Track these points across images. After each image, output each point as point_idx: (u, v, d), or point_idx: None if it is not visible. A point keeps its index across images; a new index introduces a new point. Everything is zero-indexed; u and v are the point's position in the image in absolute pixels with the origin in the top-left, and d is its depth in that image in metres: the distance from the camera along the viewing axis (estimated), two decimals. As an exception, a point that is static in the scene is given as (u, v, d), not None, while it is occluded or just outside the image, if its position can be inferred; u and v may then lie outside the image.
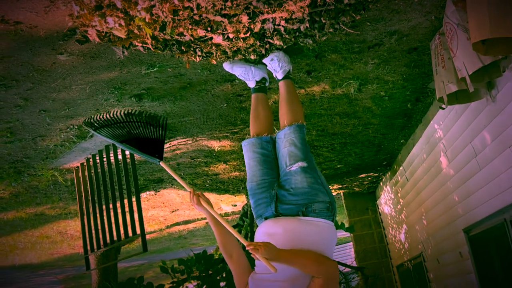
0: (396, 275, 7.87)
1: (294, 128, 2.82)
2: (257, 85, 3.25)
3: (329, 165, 6.41)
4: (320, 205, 2.61)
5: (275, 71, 3.16)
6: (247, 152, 2.96)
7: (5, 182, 5.19)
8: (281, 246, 2.43)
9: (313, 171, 2.71)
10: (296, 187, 2.65)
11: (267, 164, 2.87)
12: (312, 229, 2.55)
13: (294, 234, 2.52)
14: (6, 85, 3.23)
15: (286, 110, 2.97)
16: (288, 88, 3.11)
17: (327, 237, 2.59)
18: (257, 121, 3.07)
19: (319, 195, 2.63)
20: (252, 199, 2.84)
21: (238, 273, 2.62)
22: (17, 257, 9.79)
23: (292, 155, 2.74)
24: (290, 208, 2.63)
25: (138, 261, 13.76)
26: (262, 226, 2.67)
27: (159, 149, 2.88)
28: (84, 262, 5.29)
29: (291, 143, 2.77)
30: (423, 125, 5.04)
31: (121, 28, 2.58)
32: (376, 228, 8.35)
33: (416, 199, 5.91)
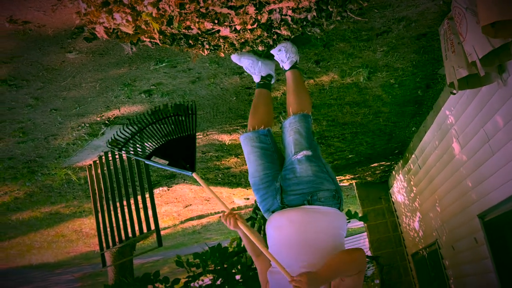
0: (411, 263, 7.85)
1: (299, 117, 2.81)
2: (262, 80, 3.24)
3: (340, 155, 6.39)
4: (326, 193, 2.61)
5: (282, 62, 3.15)
6: (246, 147, 2.94)
7: (20, 182, 5.24)
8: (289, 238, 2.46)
9: (317, 160, 2.70)
10: (301, 176, 2.65)
11: (268, 158, 2.85)
12: (318, 217, 2.55)
13: (301, 224, 2.52)
14: (16, 85, 3.26)
15: (293, 100, 2.96)
16: (295, 77, 3.10)
17: (335, 223, 2.59)
18: (255, 115, 3.05)
19: (324, 183, 2.63)
20: (257, 195, 2.83)
21: (263, 270, 2.64)
22: (34, 256, 9.90)
23: (297, 144, 2.73)
24: (296, 198, 2.63)
25: (153, 257, 13.85)
26: (270, 220, 2.67)
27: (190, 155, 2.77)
28: (100, 259, 5.33)
29: (296, 131, 2.77)
30: (434, 112, 5.01)
31: (128, 24, 2.58)
32: (390, 217, 8.32)
33: (429, 186, 5.88)
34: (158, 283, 4.41)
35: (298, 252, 2.44)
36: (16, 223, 6.95)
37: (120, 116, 4.11)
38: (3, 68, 3.02)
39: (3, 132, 3.98)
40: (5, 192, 5.53)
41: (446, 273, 6.04)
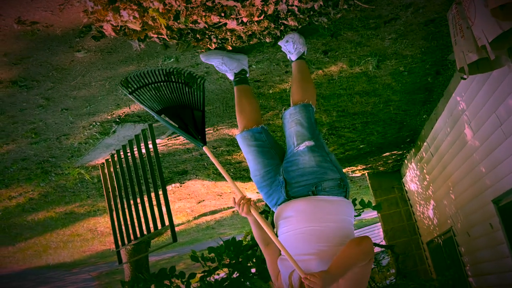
0: (427, 251, 7.83)
1: (300, 108, 2.78)
2: (237, 77, 3.22)
3: (351, 146, 6.37)
4: (330, 183, 2.61)
5: (290, 53, 3.14)
6: (243, 147, 2.94)
7: (34, 182, 5.29)
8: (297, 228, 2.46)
9: (320, 150, 2.69)
10: (305, 167, 2.64)
11: (266, 155, 2.84)
12: (324, 205, 2.55)
13: (306, 214, 2.52)
14: (27, 86, 3.28)
15: (295, 90, 2.95)
16: (300, 68, 3.09)
17: (341, 212, 2.58)
18: (243, 114, 3.03)
19: (328, 173, 2.62)
20: (262, 192, 2.82)
21: (272, 261, 2.62)
22: (50, 256, 9.99)
23: (299, 135, 2.72)
24: (301, 189, 2.62)
25: (168, 253, 13.93)
26: (277, 212, 2.67)
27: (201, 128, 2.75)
28: (116, 257, 5.37)
29: (297, 122, 2.75)
30: (445, 99, 4.97)
31: (135, 20, 2.59)
32: (404, 206, 8.29)
33: (442, 173, 5.85)
34: (174, 278, 4.43)
35: (307, 241, 2.44)
36: (31, 224, 7.02)
37: (131, 114, 4.13)
38: (13, 70, 3.04)
39: (15, 134, 4.01)
40: (20, 193, 5.58)
41: (462, 260, 6.01)
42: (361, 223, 17.72)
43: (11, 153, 4.39)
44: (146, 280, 4.43)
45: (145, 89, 2.76)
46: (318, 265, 2.36)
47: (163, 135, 4.75)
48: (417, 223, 8.04)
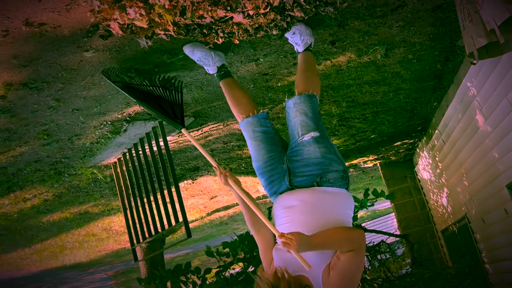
0: (442, 239, 7.80)
1: (304, 98, 2.77)
2: (222, 70, 3.22)
3: (362, 136, 6.35)
4: (335, 174, 2.60)
5: (297, 45, 3.13)
6: (247, 132, 2.92)
7: (48, 184, 5.33)
8: (299, 218, 2.45)
9: (325, 141, 2.68)
10: (309, 158, 2.63)
11: (270, 140, 2.84)
12: (328, 198, 2.55)
13: (311, 205, 2.51)
14: (37, 88, 3.30)
15: (300, 80, 2.94)
16: (306, 59, 3.08)
17: (344, 205, 2.58)
18: (240, 105, 3.03)
19: (332, 164, 2.62)
20: (262, 178, 2.81)
21: (265, 248, 2.62)
22: (66, 257, 10.08)
23: (304, 125, 2.70)
24: (305, 180, 2.62)
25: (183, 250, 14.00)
26: (279, 200, 2.65)
27: (179, 114, 2.82)
28: (131, 256, 5.41)
29: (302, 112, 2.73)
30: (455, 85, 4.94)
31: (142, 17, 2.60)
32: (417, 195, 8.27)
33: (454, 161, 5.82)
34: (190, 274, 4.46)
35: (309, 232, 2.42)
36: (47, 225, 7.08)
37: (141, 112, 4.15)
38: (23, 72, 3.07)
39: (27, 136, 4.05)
40: (34, 195, 5.63)
41: (477, 247, 5.98)
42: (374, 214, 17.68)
43: (24, 155, 4.43)
44: (162, 276, 4.47)
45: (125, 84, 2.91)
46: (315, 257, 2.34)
47: (173, 132, 4.76)
48: (431, 211, 8.01)
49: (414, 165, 8.22)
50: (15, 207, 5.88)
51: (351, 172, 8.74)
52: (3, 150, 4.21)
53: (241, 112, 2.99)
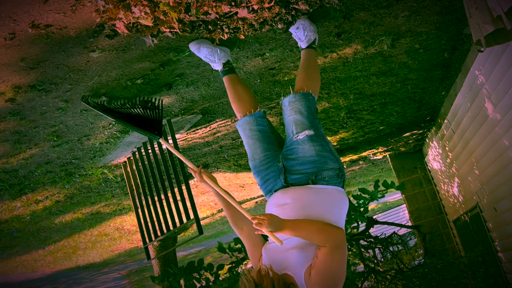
0: (454, 229, 7.77)
1: (299, 96, 2.77)
2: (226, 66, 3.22)
3: (371, 128, 6.34)
4: (330, 173, 2.59)
5: (300, 40, 3.13)
6: (244, 131, 2.92)
7: (59, 185, 5.37)
8: (292, 216, 2.41)
9: (320, 139, 2.67)
10: (304, 156, 2.62)
11: (267, 139, 2.83)
12: (322, 197, 2.53)
13: (304, 202, 2.49)
14: (45, 90, 3.32)
15: (300, 76, 2.94)
16: (308, 57, 3.08)
17: (338, 204, 2.56)
18: (241, 102, 3.03)
19: (328, 162, 2.60)
20: (258, 177, 2.81)
21: (250, 246, 2.61)
22: (80, 257, 10.16)
23: (298, 123, 2.70)
24: (300, 178, 2.60)
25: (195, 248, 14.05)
26: (272, 198, 2.64)
27: (157, 126, 2.84)
28: (144, 255, 5.44)
29: (296, 111, 2.73)
30: (463, 74, 4.91)
31: (147, 16, 2.61)
32: (428, 186, 8.24)
33: (465, 150, 5.79)
34: (203, 270, 4.47)
35: None
36: (60, 226, 7.14)
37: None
38: (31, 74, 3.09)
39: (37, 138, 4.07)
40: (46, 197, 5.67)
41: (490, 236, 5.96)
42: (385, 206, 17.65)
43: (34, 157, 4.46)
44: (175, 274, 4.48)
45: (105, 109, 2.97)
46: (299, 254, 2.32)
47: (182, 129, 4.77)
48: (442, 201, 7.98)
49: (424, 156, 8.18)
50: (27, 209, 5.92)
51: (361, 165, 8.72)
52: (13, 153, 4.24)
53: (240, 110, 3.00)
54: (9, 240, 7.25)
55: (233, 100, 3.09)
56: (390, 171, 9.28)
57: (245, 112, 2.95)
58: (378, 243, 5.66)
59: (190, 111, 4.43)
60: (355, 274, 5.48)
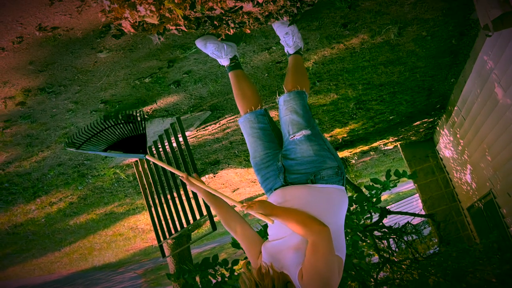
0: (468, 217, 7.73)
1: (293, 95, 2.77)
2: (232, 62, 3.23)
3: (381, 118, 6.31)
4: (329, 171, 2.59)
5: (288, 46, 3.14)
6: (245, 129, 2.93)
7: (72, 187, 5.41)
8: None
9: (317, 138, 2.67)
10: (303, 156, 2.63)
11: (267, 137, 2.84)
12: (321, 196, 2.52)
13: (303, 201, 2.49)
14: (55, 92, 3.35)
15: (289, 78, 2.95)
16: (296, 61, 3.11)
17: (337, 203, 2.56)
18: (245, 98, 3.03)
19: (326, 161, 2.60)
20: (259, 175, 2.81)
21: (247, 246, 2.60)
22: (95, 258, 10.22)
23: (294, 123, 2.70)
24: (299, 177, 2.61)
25: (209, 244, 14.10)
26: (272, 196, 2.65)
27: (142, 143, 2.93)
28: (159, 253, 5.46)
29: (292, 110, 2.73)
30: (471, 60, 4.87)
31: (152, 14, 2.61)
32: (440, 174, 8.20)
33: (476, 136, 5.75)
34: (218, 266, 4.49)
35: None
36: (74, 228, 7.19)
37: (158, 109, 4.17)
38: (40, 77, 3.11)
39: (49, 140, 4.10)
40: (59, 199, 5.72)
41: (504, 222, 5.92)
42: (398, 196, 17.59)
43: (47, 160, 4.50)
44: (190, 270, 4.50)
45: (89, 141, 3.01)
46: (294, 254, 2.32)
47: (191, 127, 4.79)
48: (456, 189, 7.94)
49: (435, 144, 8.14)
50: (42, 212, 5.97)
51: (372, 156, 8.69)
52: (26, 156, 4.28)
53: (243, 107, 3.01)
54: (25, 243, 7.32)
55: (237, 97, 3.11)
56: (401, 161, 9.25)
57: (247, 110, 2.96)
58: (392, 233, 5.64)
59: (199, 108, 4.43)
60: (370, 265, 5.47)
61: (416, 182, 8.29)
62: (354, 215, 4.53)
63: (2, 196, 5.01)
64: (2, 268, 8.69)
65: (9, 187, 4.85)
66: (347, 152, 7.65)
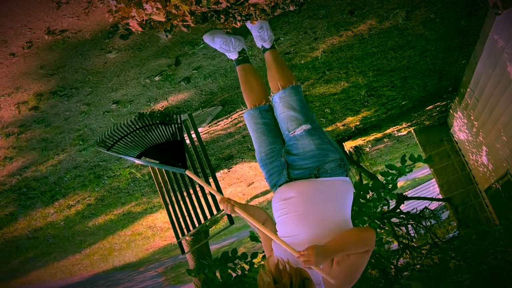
0: (486, 199, 7.67)
1: (289, 91, 2.76)
2: (240, 55, 3.23)
3: (393, 104, 6.27)
4: (332, 164, 2.59)
5: (263, 41, 3.12)
6: (249, 124, 2.94)
7: (89, 188, 5.45)
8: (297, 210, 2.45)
9: (318, 131, 2.67)
10: (305, 151, 2.63)
11: (272, 133, 2.84)
12: (326, 189, 2.53)
13: (308, 196, 2.50)
14: (67, 95, 3.37)
15: (278, 75, 2.92)
16: (276, 55, 3.10)
17: (342, 194, 2.57)
18: (252, 93, 3.04)
19: (328, 155, 2.61)
20: (264, 170, 2.82)
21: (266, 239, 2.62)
22: (116, 258, 10.30)
23: (293, 119, 2.70)
24: (302, 172, 2.61)
25: (228, 240, 14.14)
26: (277, 193, 2.65)
27: (181, 155, 2.84)
28: (178, 251, 5.49)
29: (289, 106, 2.72)
30: (482, 40, 4.82)
31: (159, 11, 2.62)
32: (455, 157, 8.13)
33: (490, 117, 5.70)
34: (237, 260, 4.50)
35: (306, 224, 2.42)
36: (93, 229, 7.25)
37: (169, 107, 4.19)
38: (51, 80, 3.13)
39: (64, 143, 4.14)
40: (77, 201, 5.77)
41: (524, 202, 5.88)
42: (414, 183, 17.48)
43: (63, 163, 4.54)
44: (210, 265, 4.52)
45: (122, 141, 2.90)
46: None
47: (204, 123, 4.80)
48: (472, 172, 7.87)
49: (449, 127, 8.08)
50: (60, 215, 6.03)
51: (386, 143, 8.65)
52: (42, 160, 4.32)
53: (249, 101, 3.02)
54: (45, 247, 7.40)
55: (244, 91, 3.12)
56: (416, 146, 9.18)
57: (252, 105, 2.98)
58: (410, 219, 5.62)
59: (210, 104, 4.44)
60: (390, 252, 5.46)
61: (432, 167, 8.23)
62: (371, 202, 4.51)
63: (21, 201, 5.06)
64: (25, 273, 8.80)
65: (27, 192, 4.90)
66: (361, 140, 7.62)
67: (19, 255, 7.31)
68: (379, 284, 4.97)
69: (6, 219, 5.42)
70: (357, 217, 4.28)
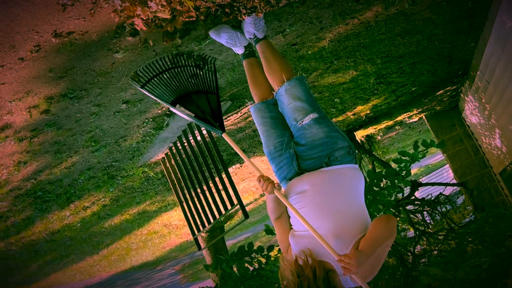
0: (501, 182, 7.60)
1: (294, 82, 2.77)
2: (247, 50, 3.23)
3: (403, 91, 6.24)
4: (341, 152, 2.59)
5: (258, 31, 3.09)
6: (257, 118, 2.94)
7: (103, 189, 5.49)
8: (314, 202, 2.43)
9: (325, 120, 2.67)
10: (314, 140, 2.62)
11: (279, 126, 2.84)
12: (338, 178, 2.53)
13: (322, 187, 2.49)
14: (77, 97, 3.39)
15: (279, 67, 2.91)
16: (271, 46, 3.08)
17: (355, 182, 2.56)
18: (258, 86, 3.04)
19: (338, 142, 2.61)
20: (273, 164, 2.81)
21: (282, 233, 2.60)
22: (133, 258, 10.37)
23: (300, 109, 2.69)
24: (313, 162, 2.60)
25: (243, 235, 14.18)
26: (289, 187, 2.61)
27: (217, 114, 2.75)
28: (195, 248, 5.52)
29: (295, 97, 2.72)
30: (489, 21, 4.77)
31: (164, 8, 2.62)
32: (468, 142, 8.08)
33: (502, 100, 5.65)
34: (254, 253, 4.51)
35: (326, 216, 2.40)
36: (110, 230, 7.30)
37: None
38: (61, 83, 3.15)
39: (76, 145, 4.17)
40: (92, 202, 5.81)
41: (540, 183, 5.82)
42: (428, 169, 17.39)
43: (76, 165, 4.57)
44: (227, 260, 4.54)
45: (156, 79, 2.77)
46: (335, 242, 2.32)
47: (214, 118, 4.80)
48: (486, 155, 7.81)
49: (460, 112, 8.02)
50: (76, 217, 6.08)
51: (397, 130, 8.61)
52: (56, 163, 4.35)
53: (256, 95, 3.03)
54: (63, 250, 7.46)
55: (250, 85, 3.13)
56: (428, 132, 9.13)
57: (259, 99, 2.99)
58: (425, 205, 5.59)
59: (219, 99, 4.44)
60: (406, 239, 5.44)
61: (445, 152, 8.19)
62: (385, 190, 4.49)
63: (37, 204, 5.11)
64: (44, 276, 8.89)
65: (42, 195, 4.95)
66: (372, 128, 7.59)
67: (38, 258, 7.38)
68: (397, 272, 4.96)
69: (23, 223, 5.48)
70: (372, 205, 4.27)
